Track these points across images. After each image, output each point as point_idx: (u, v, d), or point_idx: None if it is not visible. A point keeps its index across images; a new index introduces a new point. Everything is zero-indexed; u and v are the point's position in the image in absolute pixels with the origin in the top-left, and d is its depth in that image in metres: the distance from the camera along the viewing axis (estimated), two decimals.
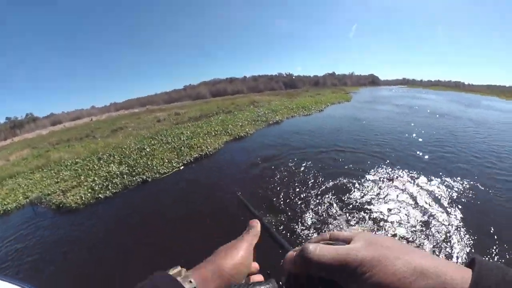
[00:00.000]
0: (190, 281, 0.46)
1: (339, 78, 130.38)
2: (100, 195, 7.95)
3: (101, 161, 11.71)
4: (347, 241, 0.46)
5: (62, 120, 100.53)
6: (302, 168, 8.34)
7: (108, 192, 8.09)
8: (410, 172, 7.64)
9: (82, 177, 9.87)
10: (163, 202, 7.18)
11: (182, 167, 9.91)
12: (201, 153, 10.85)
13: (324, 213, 5.59)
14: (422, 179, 7.12)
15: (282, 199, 6.39)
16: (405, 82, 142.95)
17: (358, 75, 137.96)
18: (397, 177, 7.27)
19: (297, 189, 6.84)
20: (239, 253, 0.54)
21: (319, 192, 6.55)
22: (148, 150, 11.85)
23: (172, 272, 0.48)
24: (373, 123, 16.14)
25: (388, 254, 0.37)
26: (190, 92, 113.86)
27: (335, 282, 0.40)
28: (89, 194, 8.04)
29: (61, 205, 7.91)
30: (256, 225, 0.63)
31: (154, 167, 9.52)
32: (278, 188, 7.04)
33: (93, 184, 8.72)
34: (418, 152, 9.61)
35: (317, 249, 0.41)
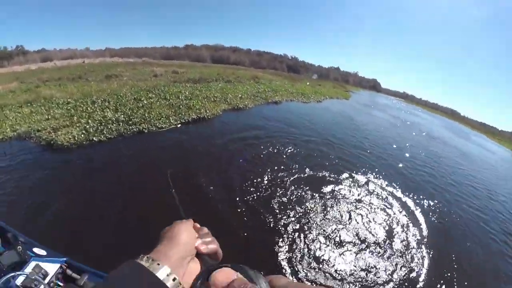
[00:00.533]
0: (158, 264, 0.51)
1: (343, 74, 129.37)
2: (94, 138, 7.91)
3: (95, 105, 11.46)
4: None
5: (53, 58, 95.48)
6: (290, 151, 8.72)
7: (102, 136, 8.06)
8: (387, 182, 7.98)
9: (75, 117, 9.68)
10: (157, 155, 7.27)
11: (180, 125, 9.93)
12: (199, 116, 10.85)
13: (293, 197, 5.93)
14: (398, 192, 7.50)
15: (265, 176, 6.71)
16: (404, 96, 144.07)
17: (362, 77, 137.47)
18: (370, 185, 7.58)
19: (280, 173, 7.11)
20: (183, 227, 0.64)
21: (295, 178, 6.85)
22: (145, 102, 11.70)
23: (140, 261, 0.51)
24: (367, 127, 16.33)
25: None
26: (190, 52, 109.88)
27: None
28: (82, 135, 7.97)
29: (52, 142, 7.80)
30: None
31: (152, 120, 9.50)
32: (263, 165, 7.40)
33: (87, 126, 8.61)
34: (401, 165, 10.00)
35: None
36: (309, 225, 5.19)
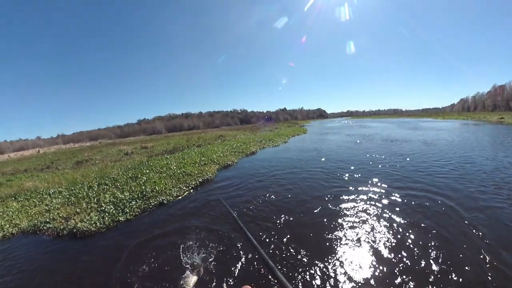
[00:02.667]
0: None
1: (290, 113, 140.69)
2: (120, 218, 8.35)
3: (94, 190, 11.80)
4: None
5: (4, 151, 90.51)
6: (288, 186, 10.16)
7: (127, 215, 8.51)
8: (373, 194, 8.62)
9: (84, 204, 9.99)
10: (187, 219, 7.94)
11: (192, 190, 10.74)
12: (202, 179, 11.77)
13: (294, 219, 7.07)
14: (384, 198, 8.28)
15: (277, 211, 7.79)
16: (349, 114, 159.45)
17: (307, 110, 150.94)
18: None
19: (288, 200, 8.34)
20: None
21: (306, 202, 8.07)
22: (144, 178, 12.32)
23: None
24: (334, 152, 17.85)
25: None
26: (145, 126, 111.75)
27: None
28: (107, 218, 8.35)
29: (75, 230, 7.99)
30: None
31: (166, 191, 10.22)
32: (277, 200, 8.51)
33: (105, 209, 9.02)
34: (379, 178, 10.50)
35: None
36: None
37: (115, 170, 15.91)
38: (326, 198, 8.47)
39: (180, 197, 10.02)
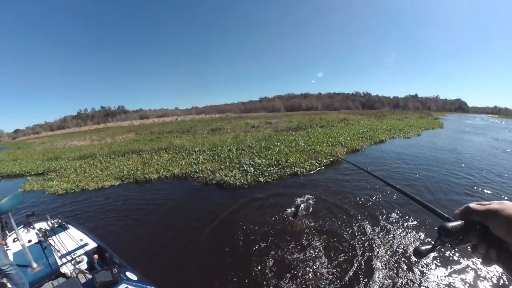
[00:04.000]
0: None
1: (422, 101, 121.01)
2: (260, 179, 9.40)
3: (232, 152, 13.49)
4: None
5: (149, 116, 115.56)
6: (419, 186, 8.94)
7: (266, 178, 9.52)
8: None
9: (227, 163, 11.62)
10: (317, 191, 8.23)
11: (323, 167, 11.05)
12: (332, 159, 11.87)
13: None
14: None
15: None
16: (496, 111, 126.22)
17: (444, 99, 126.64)
18: None
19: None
20: None
21: None
22: (277, 149, 13.31)
23: None
24: (476, 159, 13.78)
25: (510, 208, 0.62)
26: (265, 104, 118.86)
27: (486, 226, 0.65)
28: (249, 177, 9.50)
29: (222, 182, 9.43)
30: None
31: (299, 163, 10.89)
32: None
33: (246, 169, 10.26)
34: None
35: (474, 205, 0.69)
36: None
37: (248, 139, 17.66)
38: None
39: (312, 172, 10.42)
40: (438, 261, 4.70)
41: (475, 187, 8.90)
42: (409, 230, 5.73)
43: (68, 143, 28.55)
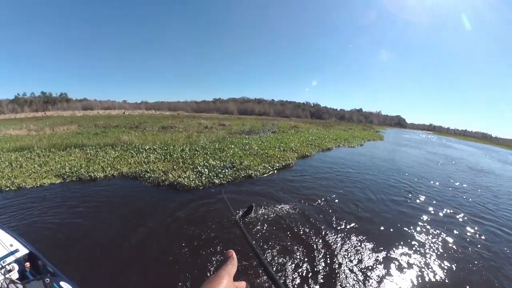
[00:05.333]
0: None
1: (366, 115, 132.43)
2: (215, 181, 9.44)
3: (185, 153, 13.27)
4: None
5: (94, 107, 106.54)
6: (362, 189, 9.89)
7: (221, 180, 9.59)
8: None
9: (180, 163, 11.41)
10: (269, 193, 8.60)
11: (276, 171, 11.48)
12: (284, 163, 12.40)
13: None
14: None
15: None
16: (431, 128, 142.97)
17: (385, 115, 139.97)
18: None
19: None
20: (223, 283, 0.65)
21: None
22: (231, 152, 13.46)
23: None
24: (411, 169, 15.59)
25: None
26: (219, 105, 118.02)
27: None
28: (204, 178, 9.50)
29: (175, 183, 9.20)
30: (232, 255, 0.77)
31: (253, 167, 11.15)
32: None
33: (202, 170, 10.21)
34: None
35: None
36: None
37: (201, 140, 17.53)
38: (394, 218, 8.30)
39: (265, 175, 10.81)
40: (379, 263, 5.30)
41: (411, 190, 10.57)
42: (349, 225, 6.34)
43: (2, 132, 25.19)
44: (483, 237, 6.99)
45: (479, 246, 6.46)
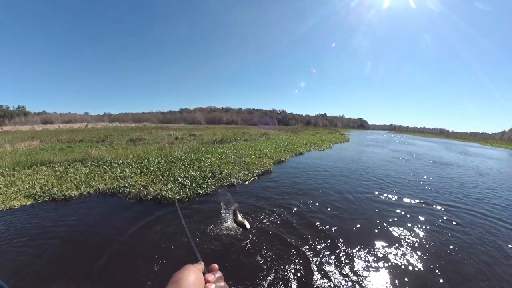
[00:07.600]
0: None
1: (330, 119, 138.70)
2: (200, 191, 9.47)
3: (162, 165, 13.05)
4: None
5: (54, 121, 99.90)
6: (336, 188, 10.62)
7: (205, 190, 9.63)
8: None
9: (160, 176, 11.25)
10: (252, 197, 8.86)
11: (256, 177, 11.80)
12: (263, 169, 12.77)
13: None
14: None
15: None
16: (392, 127, 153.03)
17: (348, 118, 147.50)
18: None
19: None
20: (191, 271, 0.69)
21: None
22: (209, 162, 13.52)
23: None
24: (379, 167, 16.47)
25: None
26: (186, 115, 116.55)
27: None
28: (188, 190, 9.47)
29: (159, 197, 9.06)
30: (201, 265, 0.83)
31: (234, 175, 11.34)
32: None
33: (185, 182, 10.17)
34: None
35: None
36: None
37: (176, 151, 17.33)
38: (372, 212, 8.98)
39: (247, 182, 11.05)
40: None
41: (384, 186, 11.49)
42: (331, 226, 6.78)
43: None
44: (454, 222, 7.80)
45: (451, 228, 7.29)
